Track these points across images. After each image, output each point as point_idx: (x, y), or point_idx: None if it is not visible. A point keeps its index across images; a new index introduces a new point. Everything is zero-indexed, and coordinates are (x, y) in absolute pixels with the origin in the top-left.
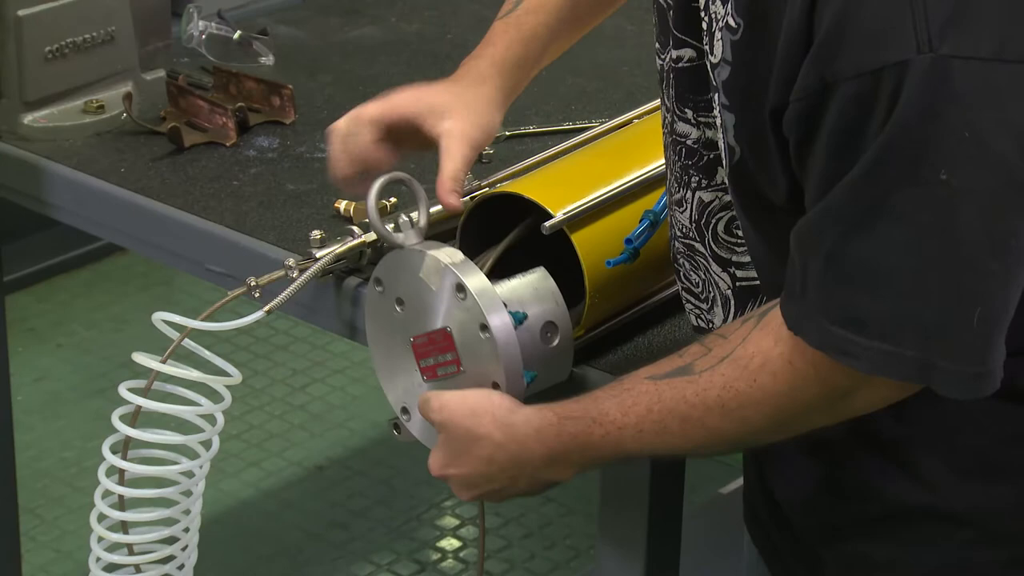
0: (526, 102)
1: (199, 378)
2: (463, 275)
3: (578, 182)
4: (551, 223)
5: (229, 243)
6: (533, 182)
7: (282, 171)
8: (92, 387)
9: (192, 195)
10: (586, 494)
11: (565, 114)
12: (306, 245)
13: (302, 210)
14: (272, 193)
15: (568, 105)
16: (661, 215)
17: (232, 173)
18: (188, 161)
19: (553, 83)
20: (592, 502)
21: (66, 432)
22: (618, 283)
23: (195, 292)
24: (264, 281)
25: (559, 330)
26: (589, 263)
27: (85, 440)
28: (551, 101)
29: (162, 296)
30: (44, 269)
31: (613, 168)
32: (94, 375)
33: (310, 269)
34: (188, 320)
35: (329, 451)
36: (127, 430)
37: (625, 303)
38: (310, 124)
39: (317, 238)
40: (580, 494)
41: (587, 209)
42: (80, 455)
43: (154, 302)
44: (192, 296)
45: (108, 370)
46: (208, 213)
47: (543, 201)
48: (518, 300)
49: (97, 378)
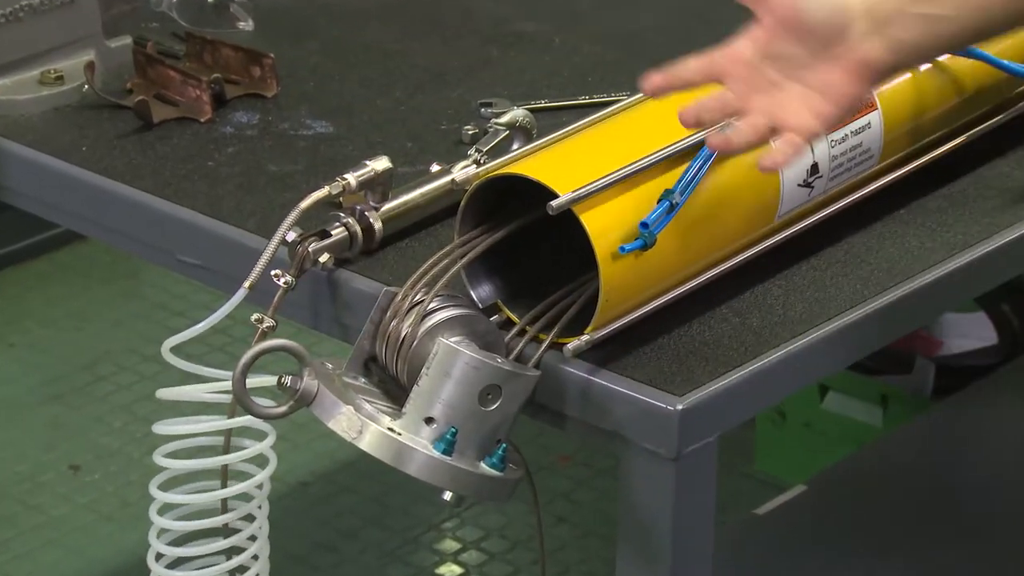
0: (537, 73)
1: (242, 423)
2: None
3: (591, 160)
4: (558, 202)
5: (203, 231)
6: (541, 161)
7: (263, 150)
8: (49, 392)
9: (162, 177)
10: (603, 513)
11: (581, 87)
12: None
13: (286, 194)
14: (252, 175)
15: (584, 77)
16: (682, 197)
17: (207, 152)
18: (157, 139)
19: (567, 52)
20: (610, 523)
21: (19, 442)
22: (633, 272)
23: (164, 286)
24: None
25: (501, 392)
26: (601, 246)
27: (41, 451)
28: (565, 72)
29: (127, 290)
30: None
31: (631, 144)
32: (51, 378)
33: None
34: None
35: (314, 464)
36: (173, 497)
37: (642, 296)
38: (294, 97)
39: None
40: (597, 514)
41: (599, 189)
42: (35, 468)
43: (118, 297)
44: (161, 290)
45: (67, 372)
46: (180, 197)
47: (550, 181)
48: (440, 408)
49: (54, 382)
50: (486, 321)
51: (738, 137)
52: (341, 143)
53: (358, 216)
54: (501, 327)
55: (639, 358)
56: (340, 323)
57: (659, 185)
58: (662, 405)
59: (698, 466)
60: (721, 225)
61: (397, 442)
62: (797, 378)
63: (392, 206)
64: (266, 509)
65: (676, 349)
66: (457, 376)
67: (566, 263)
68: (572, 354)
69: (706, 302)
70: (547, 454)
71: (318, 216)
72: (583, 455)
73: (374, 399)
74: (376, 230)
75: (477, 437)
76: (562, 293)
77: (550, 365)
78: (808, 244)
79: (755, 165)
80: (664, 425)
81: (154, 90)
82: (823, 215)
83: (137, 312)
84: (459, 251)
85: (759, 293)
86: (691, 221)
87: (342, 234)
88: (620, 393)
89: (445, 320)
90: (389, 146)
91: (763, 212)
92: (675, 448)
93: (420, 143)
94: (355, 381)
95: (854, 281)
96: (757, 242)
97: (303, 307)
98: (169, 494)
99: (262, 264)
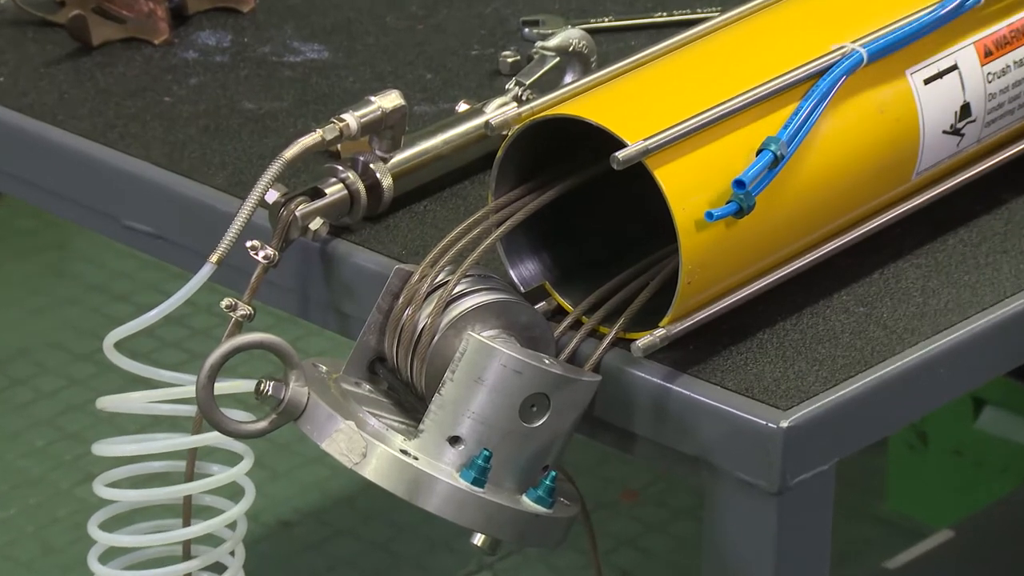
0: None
1: (209, 442)
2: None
3: (668, 99)
4: (625, 153)
5: (157, 188)
6: (602, 99)
7: (236, 82)
8: None
9: (104, 116)
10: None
11: (656, 0)
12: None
13: (265, 140)
14: (222, 114)
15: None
16: (790, 146)
17: (163, 85)
18: (98, 66)
19: None
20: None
21: None
22: (724, 245)
23: (103, 261)
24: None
25: (549, 402)
26: (682, 212)
27: None
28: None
29: (54, 266)
30: None
31: (721, 78)
32: None
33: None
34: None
35: (302, 499)
36: (119, 540)
37: (735, 277)
38: (277, 12)
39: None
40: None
41: (680, 136)
42: None
43: (41, 275)
44: (99, 267)
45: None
46: (128, 143)
47: (615, 125)
48: (469, 424)
49: None
50: (530, 309)
51: None
52: (339, 73)
53: (361, 170)
54: (549, 318)
55: (731, 360)
56: (337, 311)
57: (758, 132)
58: (762, 422)
59: (809, 503)
60: (840, 185)
61: (412, 469)
62: (942, 388)
63: (405, 157)
64: (241, 556)
65: (780, 348)
66: (492, 382)
67: (634, 234)
68: (643, 353)
69: (820, 287)
70: (609, 488)
71: (308, 170)
72: (656, 490)
73: (382, 412)
74: (384, 188)
75: (518, 463)
76: (629, 274)
77: (613, 368)
78: (956, 210)
79: (886, 106)
80: (764, 448)
81: (93, 2)
82: (975, 172)
83: (66, 296)
84: (494, 217)
85: (890, 275)
86: (800, 179)
87: (340, 193)
88: (706, 406)
89: (476, 308)
90: (402, 77)
91: (896, 168)
92: (779, 479)
93: (443, 74)
94: (357, 388)
95: (1017, 260)
96: (888, 207)
97: (289, 290)
98: (114, 535)
99: (234, 233)
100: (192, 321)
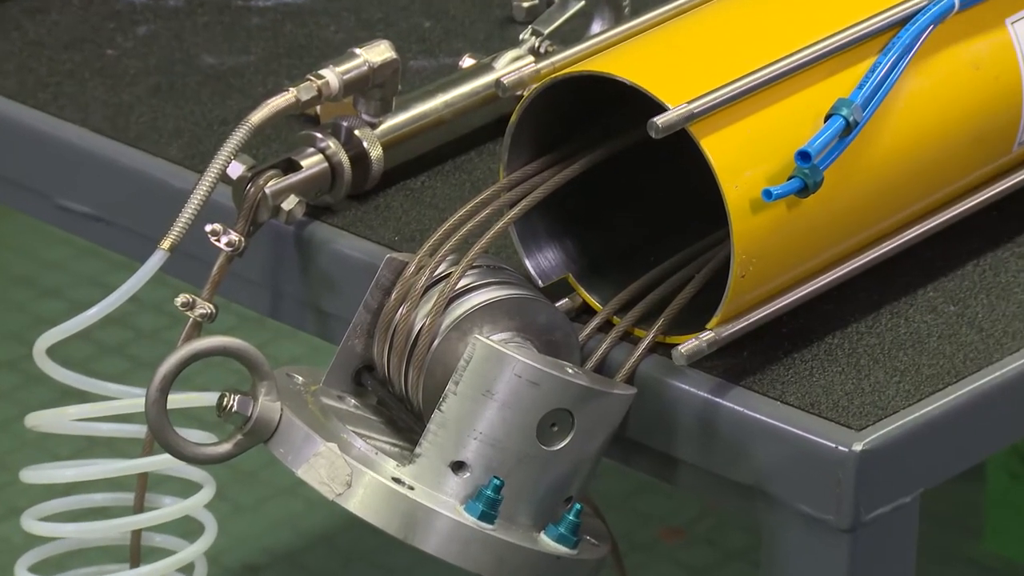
0: None
1: (161, 468)
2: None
3: (716, 54)
4: (665, 119)
5: (98, 160)
6: (637, 53)
7: (194, 31)
8: None
9: (34, 74)
10: None
11: None
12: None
13: (229, 101)
14: (176, 71)
15: None
16: (865, 111)
17: (105, 35)
18: (25, 13)
19: None
20: None
21: None
22: (784, 231)
23: (32, 248)
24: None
25: (572, 418)
26: (734, 189)
27: None
28: None
29: None
30: None
31: (780, 30)
32: None
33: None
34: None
35: (271, 537)
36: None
37: (798, 269)
38: None
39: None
40: None
41: (730, 98)
42: None
43: None
44: (27, 256)
45: None
46: (62, 106)
47: (652, 85)
48: (476, 446)
49: None
50: (549, 308)
51: None
52: (317, 20)
53: (344, 138)
54: (573, 318)
55: (793, 369)
56: (316, 310)
57: (826, 93)
58: (831, 445)
59: (887, 542)
60: (925, 157)
61: (407, 500)
62: None
63: (398, 122)
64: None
65: (852, 355)
66: (504, 396)
67: (675, 218)
68: (687, 361)
69: (901, 281)
70: (646, 525)
71: (281, 138)
72: (703, 527)
73: (370, 432)
74: (373, 160)
75: (535, 494)
76: (670, 265)
77: (651, 379)
78: None
79: (982, 62)
80: (833, 477)
81: None
82: None
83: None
84: (507, 196)
85: (987, 267)
86: (878, 151)
87: (319, 166)
88: (763, 424)
89: (484, 306)
90: (393, 26)
91: (994, 137)
92: (851, 514)
93: (444, 21)
94: (340, 404)
95: None
96: (984, 185)
97: (258, 284)
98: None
99: (189, 214)
100: (138, 321)
